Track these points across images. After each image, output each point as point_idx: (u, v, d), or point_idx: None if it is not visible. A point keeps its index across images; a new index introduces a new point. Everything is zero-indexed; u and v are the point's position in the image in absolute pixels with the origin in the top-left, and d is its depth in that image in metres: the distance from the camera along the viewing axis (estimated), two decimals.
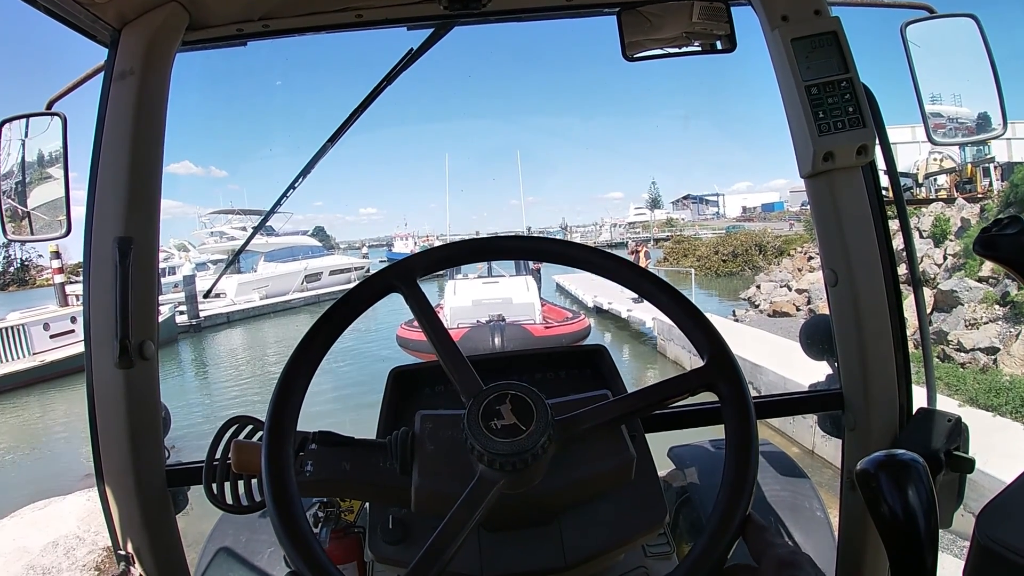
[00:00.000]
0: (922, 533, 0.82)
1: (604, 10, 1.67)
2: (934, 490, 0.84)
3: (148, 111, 1.45)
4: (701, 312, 1.10)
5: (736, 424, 0.99)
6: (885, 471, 0.86)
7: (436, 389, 1.56)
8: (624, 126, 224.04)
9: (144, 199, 1.46)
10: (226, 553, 1.92)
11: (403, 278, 1.14)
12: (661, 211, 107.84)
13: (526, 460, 0.91)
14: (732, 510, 0.92)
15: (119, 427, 1.46)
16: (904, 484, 0.84)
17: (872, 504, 0.86)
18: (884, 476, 0.85)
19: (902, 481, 0.84)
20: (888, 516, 0.84)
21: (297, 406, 1.02)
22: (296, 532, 0.90)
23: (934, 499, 0.83)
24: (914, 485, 0.84)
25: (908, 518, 0.83)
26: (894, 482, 0.84)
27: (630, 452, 1.09)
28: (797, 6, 1.47)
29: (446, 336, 1.09)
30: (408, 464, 1.05)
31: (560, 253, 1.20)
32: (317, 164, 1.77)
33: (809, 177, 1.49)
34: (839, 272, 1.52)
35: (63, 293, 26.86)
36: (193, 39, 1.58)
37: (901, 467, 0.85)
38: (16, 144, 1.53)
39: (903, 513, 0.83)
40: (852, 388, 1.57)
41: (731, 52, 1.64)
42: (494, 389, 0.98)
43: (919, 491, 0.83)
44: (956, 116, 1.53)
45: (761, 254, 33.67)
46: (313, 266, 39.47)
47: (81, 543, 5.97)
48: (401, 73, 1.69)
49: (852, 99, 1.42)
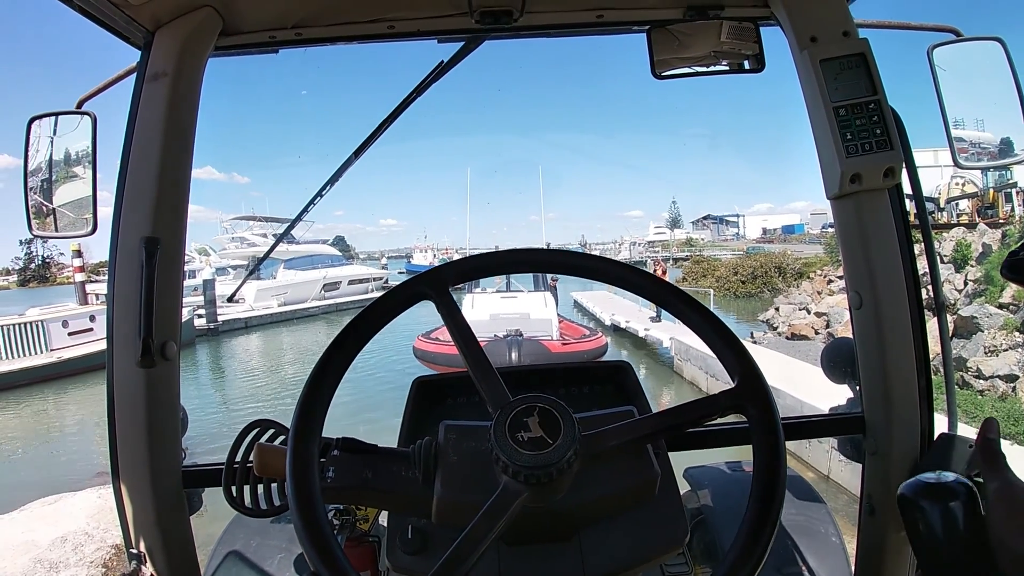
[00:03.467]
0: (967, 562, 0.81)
1: (634, 28, 1.68)
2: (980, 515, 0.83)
3: (179, 114, 1.47)
4: (733, 333, 1.09)
5: (764, 448, 0.98)
6: (928, 496, 0.84)
7: (459, 400, 1.55)
8: (646, 144, 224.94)
9: (172, 200, 1.47)
10: (236, 557, 1.92)
11: (435, 286, 1.13)
12: (681, 230, 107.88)
13: (551, 474, 0.91)
14: (758, 535, 0.91)
15: (137, 426, 1.46)
16: (951, 509, 0.82)
17: (912, 529, 0.84)
18: (927, 502, 0.84)
19: (946, 506, 0.82)
20: (929, 541, 0.82)
21: (324, 410, 1.02)
22: (319, 536, 0.90)
23: (982, 525, 0.82)
24: (962, 510, 0.82)
25: (951, 545, 0.81)
26: (939, 507, 0.82)
27: (655, 469, 1.08)
28: (826, 27, 1.47)
29: (476, 346, 1.08)
30: (431, 474, 1.05)
31: (598, 269, 1.19)
32: (344, 174, 1.78)
33: (835, 198, 1.48)
34: (864, 295, 1.51)
35: (83, 291, 27.26)
36: (226, 44, 1.60)
37: (947, 492, 0.84)
38: (44, 141, 1.55)
39: (946, 540, 0.81)
40: (874, 412, 1.55)
41: (759, 72, 1.64)
42: (522, 401, 0.97)
43: (967, 517, 0.82)
44: (978, 141, 1.51)
45: (780, 276, 33.46)
46: (332, 275, 39.70)
47: (90, 539, 5.98)
48: (430, 86, 1.70)
49: (880, 121, 1.42)
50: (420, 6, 1.61)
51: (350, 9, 1.60)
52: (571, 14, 1.66)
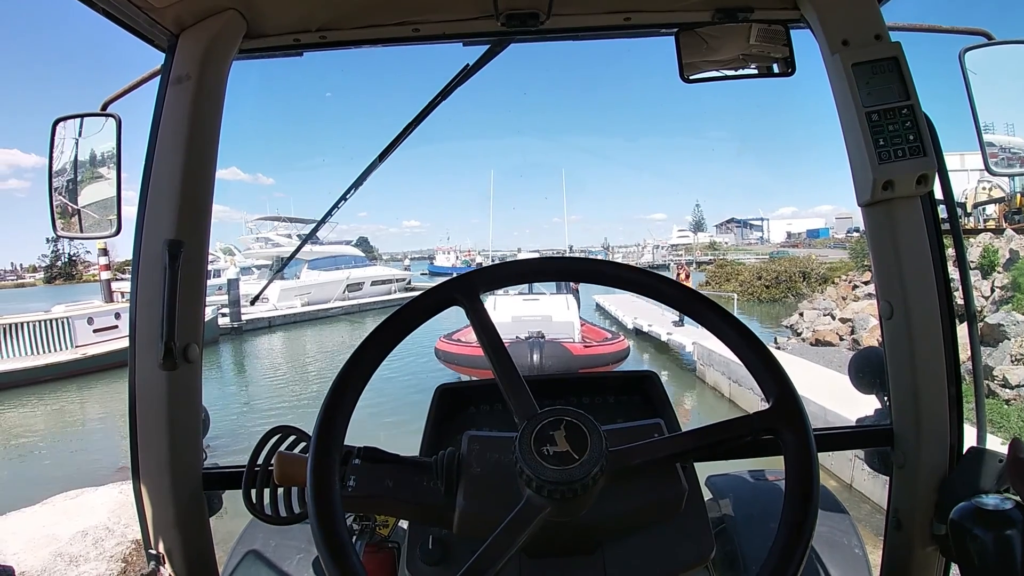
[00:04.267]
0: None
1: (662, 31, 1.66)
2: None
3: (203, 116, 1.47)
4: (770, 351, 1.07)
5: (798, 474, 0.96)
6: (981, 523, 0.83)
7: (482, 408, 1.54)
8: (669, 147, 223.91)
9: (195, 203, 1.47)
10: (255, 556, 1.92)
11: (465, 292, 1.12)
12: (705, 234, 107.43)
13: (575, 490, 0.89)
14: (787, 564, 0.89)
15: (159, 427, 1.47)
16: (1008, 538, 0.81)
17: (962, 554, 0.82)
18: (980, 529, 0.82)
19: (1002, 532, 0.81)
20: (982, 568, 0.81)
21: (346, 418, 1.01)
22: (338, 549, 0.89)
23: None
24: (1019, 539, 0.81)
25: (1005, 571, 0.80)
26: (992, 534, 0.81)
27: (682, 485, 1.06)
28: (858, 30, 1.44)
29: (505, 355, 1.07)
30: (453, 485, 1.04)
31: (630, 280, 1.17)
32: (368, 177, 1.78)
33: (867, 206, 1.45)
34: (895, 305, 1.47)
35: (108, 289, 27.58)
36: (250, 47, 1.61)
37: (1002, 519, 0.82)
38: (69, 143, 1.56)
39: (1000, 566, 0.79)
40: (903, 425, 1.52)
41: (789, 75, 1.62)
42: (549, 413, 0.96)
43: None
44: (1009, 146, 1.48)
45: (805, 281, 33.14)
46: (355, 276, 40.11)
47: (110, 534, 6.04)
48: (456, 89, 1.69)
49: (913, 127, 1.38)
50: (446, 9, 1.60)
51: (375, 12, 1.59)
52: (598, 16, 1.65)
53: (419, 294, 1.15)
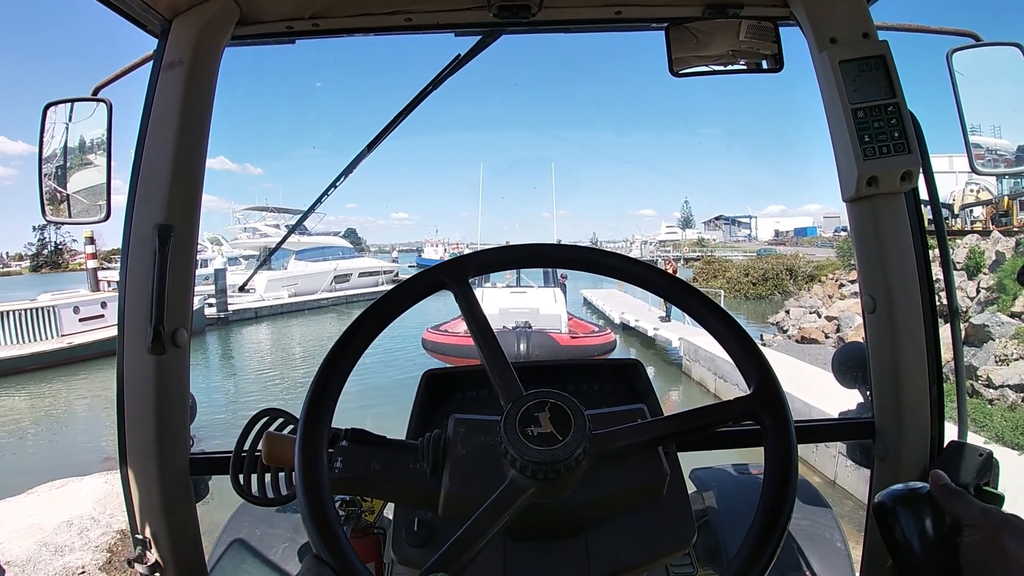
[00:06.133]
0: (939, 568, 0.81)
1: (652, 25, 1.67)
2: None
3: (194, 102, 1.47)
4: (752, 339, 1.09)
5: (777, 458, 0.98)
6: (902, 504, 0.84)
7: (468, 394, 1.56)
8: (659, 143, 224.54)
9: (186, 188, 1.47)
10: (241, 544, 1.92)
11: (455, 276, 1.13)
12: (693, 230, 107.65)
13: (559, 470, 0.90)
14: (765, 543, 0.91)
15: (147, 412, 1.47)
16: (922, 517, 0.82)
17: (888, 537, 0.84)
18: (901, 509, 0.84)
19: (920, 514, 0.82)
20: (904, 549, 0.83)
21: (334, 400, 1.02)
22: (325, 526, 0.90)
23: (956, 532, 0.82)
24: (932, 518, 0.82)
25: (925, 552, 0.81)
26: (912, 515, 0.83)
27: (664, 469, 1.08)
28: (846, 28, 1.46)
29: (492, 338, 1.08)
30: (439, 467, 1.05)
31: (618, 268, 1.19)
32: (357, 167, 1.78)
33: (851, 201, 1.47)
34: (877, 299, 1.49)
35: (95, 278, 27.43)
36: (243, 34, 1.60)
37: (921, 500, 0.84)
38: (60, 128, 1.55)
39: (920, 547, 0.81)
40: (884, 418, 1.54)
41: (777, 72, 1.63)
42: (534, 395, 0.97)
43: (937, 524, 0.82)
44: (995, 148, 1.50)
45: (792, 279, 33.38)
46: (343, 267, 40.02)
47: (96, 524, 6.03)
48: (447, 79, 1.70)
49: (898, 124, 1.40)
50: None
51: (368, 0, 1.60)
52: (589, 10, 1.65)
53: (408, 277, 1.15)
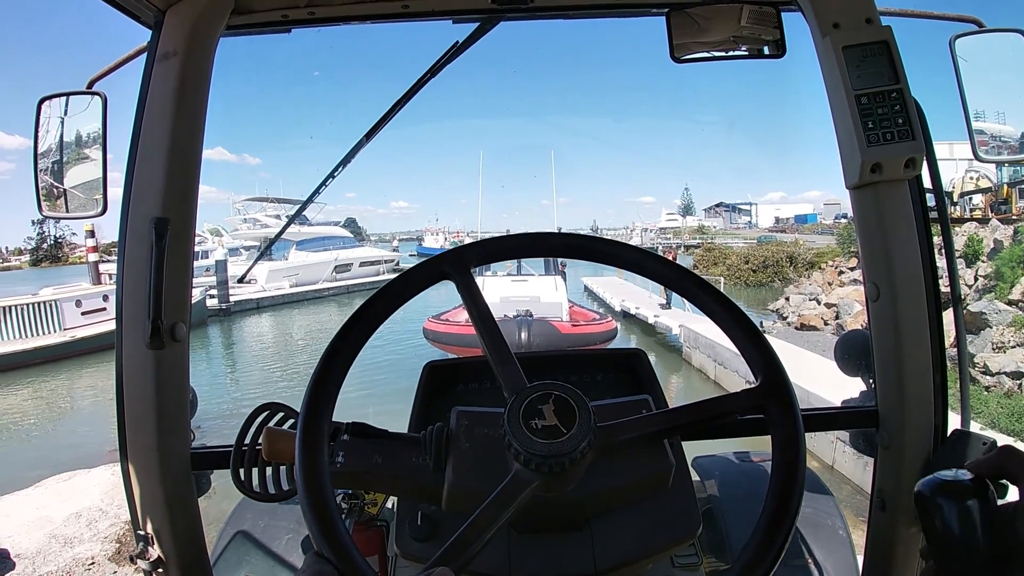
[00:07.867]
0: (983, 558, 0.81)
1: (653, 10, 1.64)
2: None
3: (190, 93, 1.45)
4: (758, 329, 1.08)
5: (785, 450, 0.97)
6: (943, 494, 0.84)
7: (470, 386, 1.55)
8: (659, 130, 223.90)
9: (182, 181, 1.45)
10: (244, 537, 1.93)
11: (457, 266, 1.12)
12: (693, 218, 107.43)
13: (563, 464, 0.89)
14: (774, 535, 0.90)
15: (146, 408, 1.46)
16: (967, 506, 0.82)
17: (929, 527, 0.84)
18: (942, 499, 0.83)
19: (964, 502, 0.82)
20: (944, 539, 0.82)
21: (334, 393, 1.01)
22: (327, 521, 0.89)
23: (1002, 523, 0.82)
24: (979, 506, 0.82)
25: (970, 540, 0.81)
26: (954, 504, 0.82)
27: (669, 461, 1.07)
28: (849, 14, 1.44)
29: (495, 329, 1.07)
30: (442, 461, 1.04)
31: (621, 257, 1.18)
32: (356, 156, 1.76)
33: (855, 188, 1.45)
34: (881, 287, 1.48)
35: (96, 271, 27.36)
36: (238, 23, 1.57)
37: (965, 488, 0.84)
38: (55, 122, 1.54)
39: (964, 535, 0.81)
40: (888, 406, 1.53)
41: (779, 58, 1.61)
42: (538, 387, 0.96)
43: (983, 514, 0.82)
44: (999, 134, 1.49)
45: (792, 266, 33.39)
46: (343, 257, 39.98)
47: (104, 515, 6.05)
48: (445, 67, 1.67)
49: (902, 110, 1.38)
50: None
51: None
52: None
53: (410, 268, 1.14)
